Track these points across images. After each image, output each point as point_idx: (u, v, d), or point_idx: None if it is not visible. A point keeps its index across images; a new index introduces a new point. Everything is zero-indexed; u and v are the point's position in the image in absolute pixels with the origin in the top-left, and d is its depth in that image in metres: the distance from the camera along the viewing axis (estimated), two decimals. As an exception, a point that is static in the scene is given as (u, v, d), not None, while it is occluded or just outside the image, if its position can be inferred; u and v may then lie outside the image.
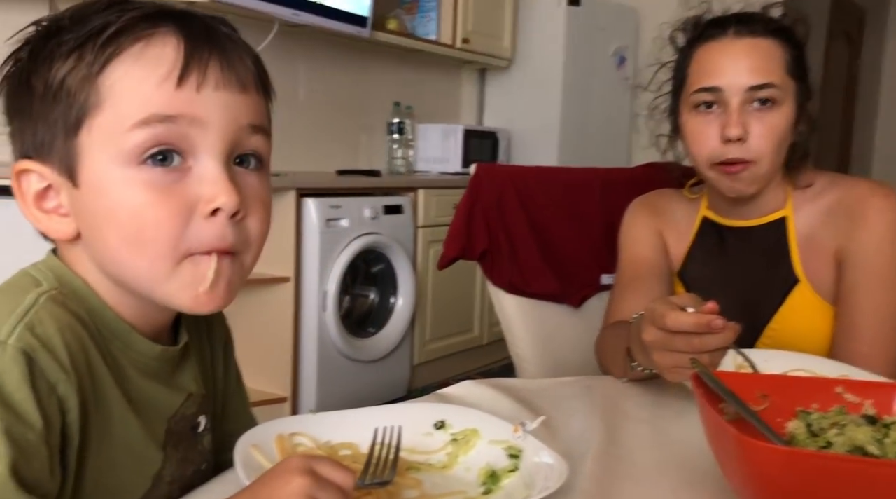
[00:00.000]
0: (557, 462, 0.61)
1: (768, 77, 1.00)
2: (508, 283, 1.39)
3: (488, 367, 3.60)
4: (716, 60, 1.03)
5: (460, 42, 3.63)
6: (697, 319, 0.74)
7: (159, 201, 0.55)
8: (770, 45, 1.02)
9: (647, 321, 0.80)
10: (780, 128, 1.01)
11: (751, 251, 1.12)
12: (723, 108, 1.02)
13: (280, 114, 2.87)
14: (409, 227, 3.04)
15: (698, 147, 1.05)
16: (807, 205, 1.09)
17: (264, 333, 2.66)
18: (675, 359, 0.77)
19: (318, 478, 0.50)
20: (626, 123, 4.26)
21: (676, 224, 1.21)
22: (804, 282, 1.07)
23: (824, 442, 0.63)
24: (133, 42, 0.55)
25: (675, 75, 1.12)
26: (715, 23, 1.06)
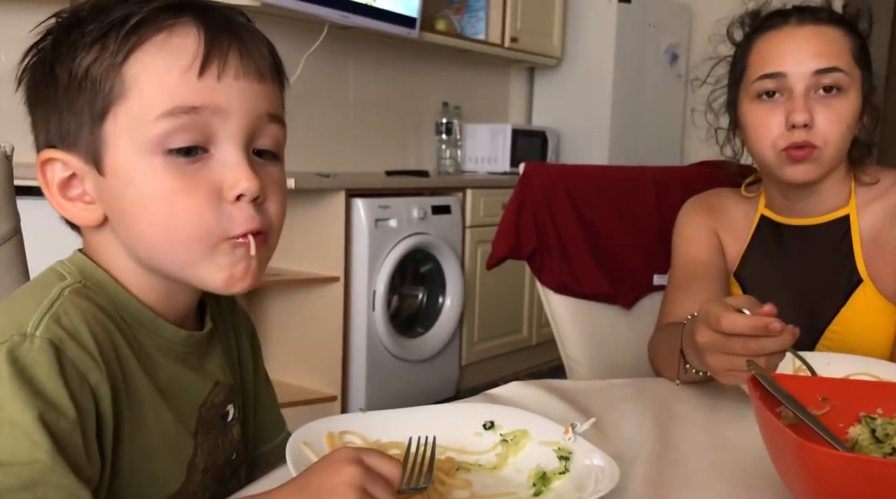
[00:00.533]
0: (609, 465, 0.60)
1: (834, 61, 0.98)
2: (558, 283, 1.37)
3: (537, 368, 3.58)
4: (778, 47, 1.01)
5: (509, 41, 3.61)
6: (754, 322, 0.72)
7: (186, 189, 0.57)
8: (834, 33, 1.00)
9: (701, 323, 0.78)
10: (846, 115, 0.99)
11: (811, 250, 1.09)
12: (786, 96, 0.99)
13: (330, 115, 2.92)
14: (458, 227, 3.04)
15: (761, 135, 1.02)
16: (872, 203, 1.06)
17: (314, 333, 2.70)
18: (729, 362, 0.75)
19: (368, 469, 0.51)
20: (679, 121, 4.18)
21: (733, 224, 1.18)
22: (867, 282, 1.03)
23: (890, 449, 0.61)
24: (156, 32, 0.56)
25: (734, 67, 1.10)
26: (775, 14, 1.05)
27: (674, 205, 1.44)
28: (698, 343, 0.78)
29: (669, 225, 1.44)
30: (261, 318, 2.84)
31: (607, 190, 1.45)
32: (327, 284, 2.64)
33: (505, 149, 3.61)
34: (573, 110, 3.97)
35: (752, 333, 0.72)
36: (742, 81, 1.06)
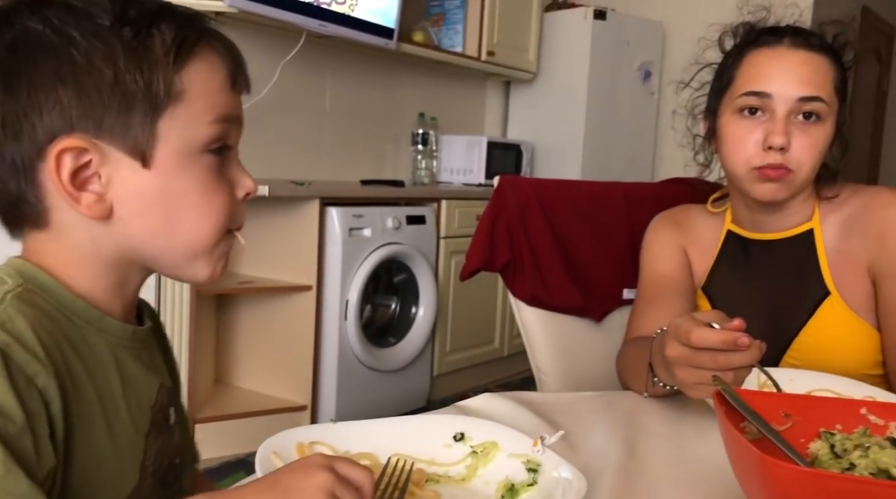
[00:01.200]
0: (576, 477, 0.61)
1: (818, 91, 1.00)
2: (530, 295, 1.38)
3: (509, 379, 3.59)
4: (768, 66, 1.02)
5: (485, 54, 3.64)
6: (724, 337, 0.73)
7: (219, 186, 0.64)
8: (823, 62, 1.02)
9: (671, 337, 0.79)
10: (820, 143, 1.01)
11: (777, 264, 1.11)
12: (768, 116, 1.01)
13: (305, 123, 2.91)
14: (432, 237, 3.05)
15: (737, 149, 1.04)
16: (832, 215, 1.09)
17: (285, 342, 2.68)
18: (698, 375, 0.76)
19: (339, 475, 0.51)
20: (651, 138, 4.24)
21: (700, 239, 1.20)
22: (835, 294, 1.05)
23: (848, 464, 0.62)
24: (202, 47, 0.62)
25: (720, 75, 1.11)
26: (770, 31, 1.06)
27: (644, 221, 1.46)
28: (668, 357, 0.79)
29: (639, 240, 1.46)
30: (231, 325, 2.81)
31: (580, 204, 1.47)
32: (299, 293, 2.63)
33: (480, 161, 3.63)
34: (548, 124, 4.01)
35: (721, 348, 0.74)
36: (727, 92, 1.07)
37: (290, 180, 2.76)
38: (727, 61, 1.10)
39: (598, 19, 3.81)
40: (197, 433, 2.45)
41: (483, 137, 3.67)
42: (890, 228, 1.03)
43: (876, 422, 0.66)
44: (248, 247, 2.76)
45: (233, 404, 2.61)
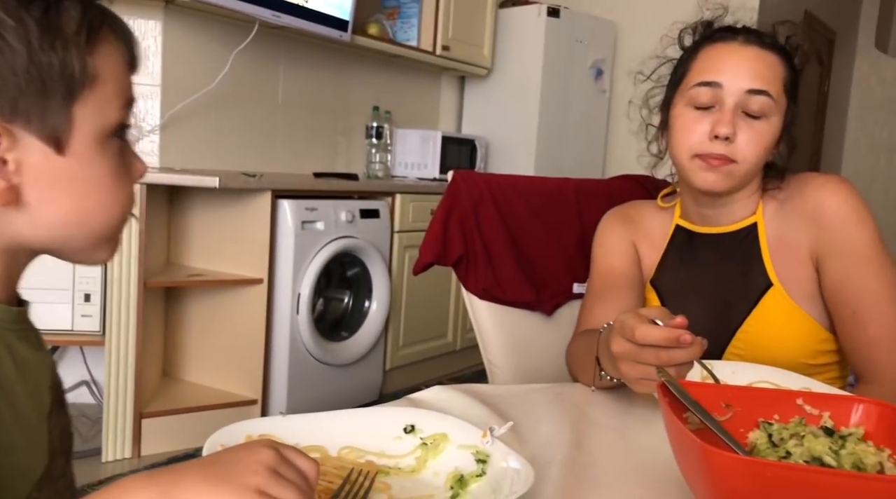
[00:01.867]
0: (524, 468, 0.62)
1: (767, 85, 1.03)
2: (483, 289, 1.40)
3: (461, 372, 3.61)
4: (721, 59, 1.06)
5: (440, 49, 3.65)
6: (666, 334, 0.75)
7: (125, 170, 0.64)
8: (774, 59, 1.05)
9: (616, 333, 0.80)
10: (765, 138, 1.04)
11: (722, 257, 1.14)
12: (717, 108, 1.04)
13: (258, 115, 2.87)
14: (386, 231, 3.04)
15: (684, 138, 1.07)
16: (772, 206, 1.12)
17: (236, 335, 2.65)
18: (642, 371, 0.78)
19: (284, 458, 0.51)
20: (602, 135, 4.30)
21: (650, 234, 1.23)
22: (777, 286, 1.08)
23: (784, 452, 0.64)
24: (107, 28, 0.61)
25: (676, 69, 1.14)
26: (726, 28, 1.10)
27: (594, 216, 1.49)
28: (613, 352, 0.81)
29: (590, 235, 1.48)
30: (180, 319, 2.77)
31: (532, 200, 1.48)
32: (250, 286, 2.60)
33: (435, 155, 3.64)
34: (502, 120, 4.04)
35: (663, 345, 0.75)
36: (680, 84, 1.10)
37: (241, 172, 2.72)
38: (683, 56, 1.13)
39: (552, 17, 3.85)
40: (144, 428, 2.40)
41: (438, 132, 3.67)
42: (823, 208, 1.06)
43: (811, 412, 0.68)
44: (198, 239, 2.72)
45: (181, 399, 2.57)
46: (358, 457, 0.68)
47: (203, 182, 2.35)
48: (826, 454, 0.62)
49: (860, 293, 1.03)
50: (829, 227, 1.06)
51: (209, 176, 2.35)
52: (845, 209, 1.05)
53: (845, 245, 1.05)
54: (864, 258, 1.04)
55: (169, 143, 2.79)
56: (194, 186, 2.46)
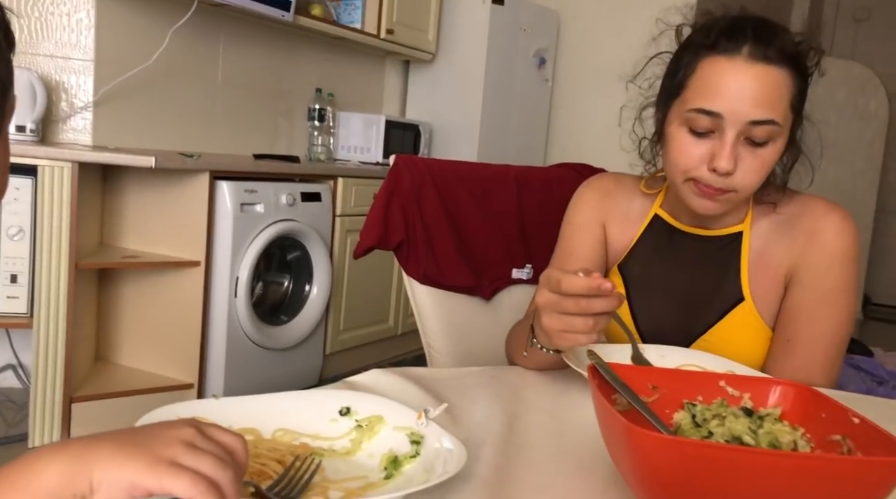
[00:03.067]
0: (457, 448, 0.63)
1: (772, 113, 0.94)
2: (423, 274, 1.40)
3: (402, 357, 3.62)
4: (722, 82, 0.94)
5: (384, 33, 3.62)
6: (588, 282, 0.76)
7: None
8: (781, 76, 0.94)
9: (542, 285, 0.81)
10: (769, 163, 0.98)
11: (699, 260, 1.11)
12: (717, 134, 0.96)
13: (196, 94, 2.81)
14: (327, 215, 3.02)
15: (681, 162, 0.99)
16: (764, 220, 1.08)
17: (171, 318, 2.60)
18: (564, 322, 0.78)
19: (205, 434, 0.50)
20: (544, 123, 4.35)
21: (624, 215, 1.17)
22: (748, 301, 1.07)
23: (706, 432, 0.67)
24: None
25: (673, 75, 1.02)
26: (729, 34, 0.96)
27: (534, 203, 1.51)
28: (538, 303, 0.80)
29: (529, 222, 1.51)
30: (114, 301, 2.70)
31: (473, 186, 1.49)
32: (187, 269, 2.55)
33: (378, 139, 3.62)
34: (446, 106, 4.04)
35: (585, 294, 0.76)
36: (677, 98, 1.00)
37: (178, 152, 2.66)
38: (682, 59, 1.01)
39: (497, 3, 3.86)
40: (74, 413, 2.34)
41: (381, 116, 3.65)
42: (818, 235, 1.04)
43: (733, 393, 0.71)
44: (133, 220, 2.65)
45: (114, 383, 2.51)
46: (292, 439, 0.68)
47: (138, 161, 2.28)
48: (745, 434, 0.65)
49: (804, 327, 1.03)
50: (815, 255, 1.04)
51: (145, 155, 2.29)
52: (838, 246, 1.03)
53: (819, 278, 1.03)
54: (828, 299, 1.03)
55: (102, 120, 2.70)
56: (129, 166, 2.39)
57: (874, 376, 2.55)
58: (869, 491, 0.52)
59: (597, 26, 4.24)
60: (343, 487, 0.61)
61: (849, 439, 0.61)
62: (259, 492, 0.57)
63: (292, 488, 0.59)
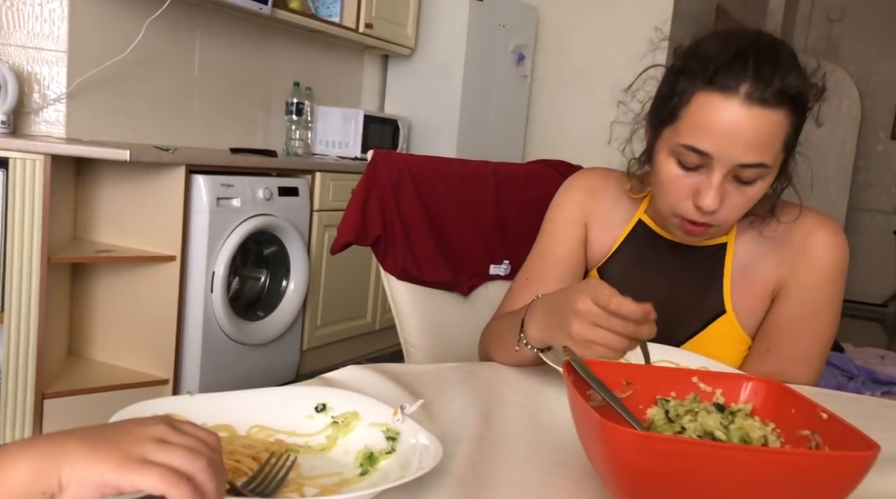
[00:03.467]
0: (433, 444, 0.63)
1: (763, 157, 0.91)
2: (401, 269, 1.40)
3: (380, 353, 3.62)
4: (715, 122, 0.91)
5: (363, 27, 3.61)
6: (641, 309, 0.75)
7: None
8: (777, 119, 0.91)
9: (585, 294, 0.78)
10: (755, 199, 0.97)
11: (682, 270, 1.10)
12: (705, 171, 0.94)
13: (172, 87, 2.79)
14: (305, 210, 3.01)
15: (666, 194, 0.99)
16: (750, 232, 1.08)
17: (146, 313, 2.57)
18: (601, 335, 0.77)
19: (177, 430, 0.50)
20: (522, 119, 4.36)
21: (607, 216, 1.16)
22: (730, 313, 1.06)
23: (679, 427, 0.68)
24: None
25: (665, 101, 0.98)
26: (729, 68, 0.91)
27: (511, 199, 1.52)
28: (578, 309, 0.78)
29: (507, 218, 1.51)
30: (88, 296, 2.66)
31: (451, 181, 1.50)
32: (162, 263, 2.52)
33: (356, 134, 3.61)
34: (425, 101, 4.03)
35: (634, 318, 0.75)
36: (668, 126, 0.97)
37: (154, 145, 2.63)
38: (677, 85, 0.96)
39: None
40: (47, 408, 2.31)
41: (360, 111, 3.64)
42: (809, 250, 1.03)
43: (705, 389, 0.72)
44: (107, 214, 2.62)
45: (87, 378, 2.48)
46: (267, 436, 0.68)
47: (113, 155, 2.26)
48: (717, 429, 0.66)
49: (786, 340, 1.04)
50: (805, 271, 1.03)
51: (119, 148, 2.26)
52: (829, 261, 1.03)
53: (808, 294, 1.03)
54: (816, 314, 1.04)
55: (76, 112, 2.66)
56: (104, 159, 2.36)
57: (845, 372, 2.60)
58: (836, 485, 0.53)
59: (575, 23, 4.25)
60: (318, 483, 0.61)
61: (817, 434, 0.62)
62: (234, 489, 0.57)
63: (267, 484, 0.59)
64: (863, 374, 2.56)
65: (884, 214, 6.63)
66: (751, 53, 0.91)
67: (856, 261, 6.64)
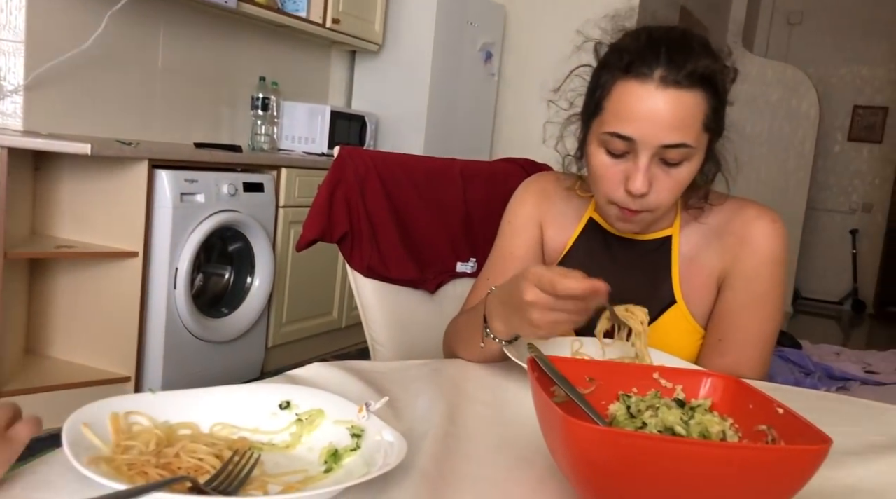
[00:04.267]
0: (397, 440, 0.63)
1: (684, 137, 0.96)
2: (368, 267, 1.40)
3: (346, 350, 3.61)
4: (634, 107, 0.96)
5: (330, 22, 3.58)
6: (587, 285, 0.79)
7: None
8: (693, 100, 0.96)
9: (530, 283, 0.82)
10: (684, 181, 1.00)
11: (633, 264, 1.13)
12: (632, 156, 0.98)
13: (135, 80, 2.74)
14: (270, 206, 2.98)
15: (599, 183, 1.03)
16: (693, 224, 1.11)
17: (108, 310, 2.53)
18: (554, 317, 0.82)
19: None
20: (490, 117, 4.37)
21: (561, 216, 1.19)
22: (680, 303, 1.10)
23: (641, 423, 0.69)
24: None
25: (591, 94, 1.04)
26: (643, 57, 0.96)
27: (478, 196, 1.52)
28: (527, 301, 0.82)
29: (473, 216, 1.52)
30: (47, 292, 2.61)
31: (418, 179, 1.50)
32: (124, 259, 2.48)
33: (323, 130, 3.58)
34: (392, 97, 4.02)
35: (583, 296, 0.80)
36: (595, 119, 1.02)
37: (116, 139, 2.58)
38: (599, 79, 1.02)
39: (444, -4, 3.86)
40: (3, 409, 2.26)
41: (327, 106, 3.62)
42: (749, 239, 1.07)
43: (666, 385, 0.74)
44: (67, 209, 2.57)
45: (46, 376, 2.43)
46: (230, 433, 0.67)
47: (73, 148, 2.21)
48: (677, 424, 0.67)
49: (737, 329, 1.07)
50: (747, 259, 1.07)
51: (80, 142, 2.22)
52: (769, 249, 1.07)
53: (750, 282, 1.07)
54: (758, 301, 1.07)
55: (34, 105, 2.60)
56: (64, 153, 2.31)
57: (802, 367, 2.66)
58: (790, 477, 0.55)
59: (542, 21, 4.28)
60: (282, 481, 0.61)
61: (773, 429, 0.64)
62: (196, 487, 0.56)
63: (230, 482, 0.58)
64: (819, 370, 2.62)
65: (841, 214, 6.80)
66: (663, 42, 0.97)
67: (813, 259, 6.81)
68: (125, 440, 0.61)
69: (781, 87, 6.07)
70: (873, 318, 6.53)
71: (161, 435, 0.63)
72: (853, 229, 6.73)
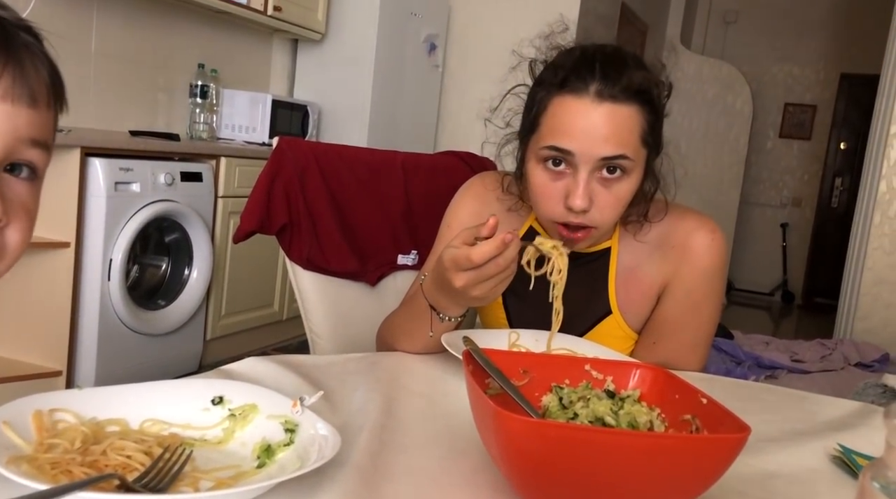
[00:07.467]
0: (332, 434, 0.63)
1: (622, 149, 0.96)
2: (307, 259, 1.39)
3: (287, 342, 3.57)
4: (571, 122, 0.97)
5: (272, 9, 3.53)
6: (496, 243, 0.83)
7: None
8: (628, 113, 0.97)
9: (452, 270, 0.86)
10: (624, 197, 1.00)
11: (572, 274, 1.09)
12: (571, 170, 0.98)
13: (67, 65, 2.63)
14: (209, 196, 2.92)
15: (540, 201, 1.02)
16: (631, 237, 1.12)
17: (38, 302, 2.45)
18: (491, 284, 0.86)
19: None
20: (434, 109, 4.37)
21: (501, 222, 1.18)
22: (616, 314, 1.11)
23: (572, 414, 0.70)
24: None
25: (528, 112, 1.05)
26: (577, 72, 0.98)
27: (420, 189, 1.52)
28: (458, 287, 0.86)
29: (415, 208, 1.52)
30: (-30, 285, 2.51)
31: (359, 171, 1.49)
32: (56, 250, 2.41)
33: (264, 119, 3.53)
34: (335, 87, 3.98)
35: (497, 253, 0.83)
36: (532, 136, 1.02)
37: (45, 126, 2.49)
38: (535, 96, 1.03)
39: (388, -14, 3.84)
40: (-76, 406, 2.16)
41: (268, 95, 3.56)
42: (689, 249, 1.08)
43: (597, 377, 0.75)
44: (-8, 197, 2.47)
45: (-30, 372, 2.34)
46: (161, 429, 0.66)
47: (-1, 134, 2.12)
48: (607, 415, 0.69)
49: (673, 332, 1.10)
50: (685, 271, 1.08)
51: (6, 128, 2.13)
52: (709, 258, 1.08)
53: (689, 292, 1.09)
54: (696, 307, 1.10)
55: (-43, 88, 2.49)
56: (-12, 139, 2.22)
57: (733, 357, 2.75)
58: (712, 465, 0.57)
59: (486, 13, 4.29)
60: (214, 476, 0.60)
61: (697, 419, 0.66)
62: (125, 485, 0.55)
63: (161, 479, 0.58)
64: (749, 359, 2.71)
65: (772, 208, 7.04)
66: (597, 58, 0.98)
67: (746, 252, 7.03)
68: (49, 439, 0.59)
69: (717, 84, 6.24)
70: (801, 308, 6.79)
71: (87, 432, 0.61)
72: (783, 223, 6.97)
